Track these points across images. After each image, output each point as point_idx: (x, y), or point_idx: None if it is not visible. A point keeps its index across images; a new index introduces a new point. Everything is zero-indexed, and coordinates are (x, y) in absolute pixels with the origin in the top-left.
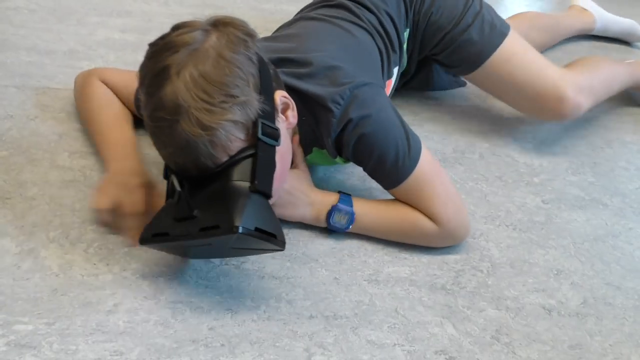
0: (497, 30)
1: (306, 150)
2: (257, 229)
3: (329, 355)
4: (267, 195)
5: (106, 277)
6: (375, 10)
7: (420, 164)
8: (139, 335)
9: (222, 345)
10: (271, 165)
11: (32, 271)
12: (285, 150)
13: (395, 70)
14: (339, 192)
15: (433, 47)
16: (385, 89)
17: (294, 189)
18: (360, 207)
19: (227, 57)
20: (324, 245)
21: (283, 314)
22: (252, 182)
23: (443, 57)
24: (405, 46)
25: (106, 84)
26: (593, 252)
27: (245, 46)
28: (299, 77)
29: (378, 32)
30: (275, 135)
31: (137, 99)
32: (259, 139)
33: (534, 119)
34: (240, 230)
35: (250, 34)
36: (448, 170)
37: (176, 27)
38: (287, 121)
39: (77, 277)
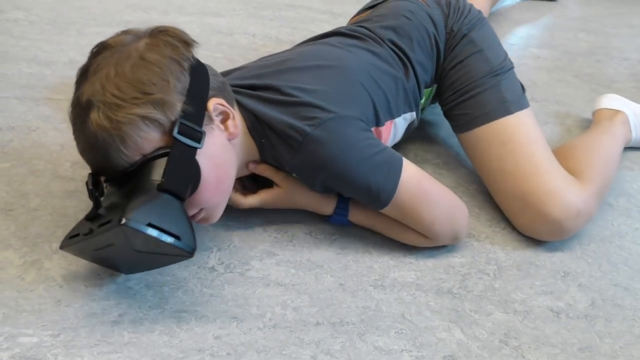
0: (503, 105)
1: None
2: (150, 225)
3: None
4: (178, 195)
5: (110, 288)
6: (402, 55)
7: (399, 190)
8: (145, 345)
9: (228, 354)
10: (188, 167)
11: (36, 282)
12: (223, 160)
13: (405, 117)
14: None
15: (443, 100)
16: (382, 127)
17: (284, 205)
18: (355, 213)
19: (148, 59)
20: (328, 251)
21: (289, 322)
22: (161, 180)
23: (446, 109)
24: (423, 101)
25: None
26: (600, 253)
27: (174, 51)
28: (265, 101)
29: (401, 71)
30: (196, 137)
31: None
32: (174, 138)
33: (514, 224)
34: (126, 222)
35: (185, 41)
36: (452, 174)
37: (119, 32)
38: (227, 131)
39: (81, 288)
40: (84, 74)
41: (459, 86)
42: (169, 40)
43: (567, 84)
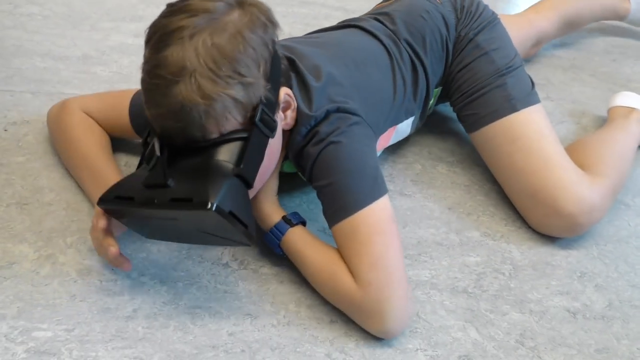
0: (509, 102)
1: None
2: (231, 213)
3: None
4: (248, 183)
5: (124, 283)
6: (415, 57)
7: (371, 206)
8: (159, 341)
9: (243, 351)
10: (260, 155)
11: (50, 277)
12: (276, 148)
13: (408, 121)
14: (284, 217)
15: (453, 101)
16: (384, 134)
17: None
18: (294, 240)
19: (244, 35)
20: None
21: (303, 319)
22: (237, 165)
23: (456, 109)
24: (431, 102)
25: (84, 112)
26: (617, 253)
27: (264, 30)
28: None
29: (410, 75)
30: (272, 126)
31: (132, 106)
32: (255, 125)
33: (525, 219)
34: (214, 208)
35: (272, 21)
36: (466, 172)
37: None
38: (285, 121)
39: (96, 283)
40: (174, 34)
41: (465, 88)
42: (261, 18)
43: (583, 82)
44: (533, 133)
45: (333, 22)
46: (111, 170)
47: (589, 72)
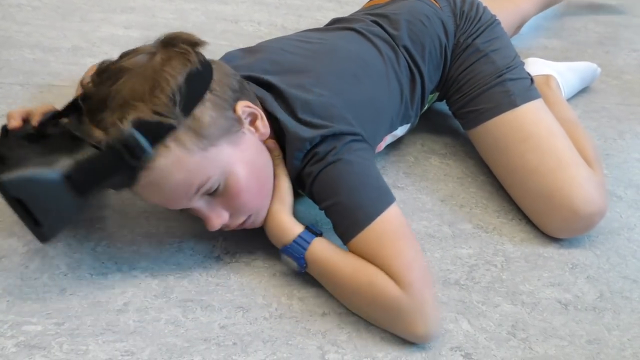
0: (509, 98)
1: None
2: (18, 201)
3: (342, 353)
4: (78, 190)
5: (115, 276)
6: (412, 65)
7: (384, 215)
8: (150, 334)
9: (234, 343)
10: (108, 174)
11: (40, 271)
12: (261, 163)
13: (403, 128)
14: (307, 227)
15: (452, 102)
16: (380, 143)
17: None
18: (322, 248)
19: (158, 77)
20: (335, 242)
21: (295, 312)
22: (68, 167)
23: (454, 107)
24: (428, 103)
25: None
26: (608, 245)
27: (183, 63)
28: (286, 111)
29: (407, 83)
30: (138, 153)
31: None
32: (112, 147)
33: (533, 221)
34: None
35: (196, 51)
36: (459, 164)
37: (131, 52)
38: (257, 132)
39: (86, 276)
40: (104, 103)
41: (466, 89)
42: (182, 53)
43: None
44: (543, 130)
45: (326, 14)
46: None
47: None
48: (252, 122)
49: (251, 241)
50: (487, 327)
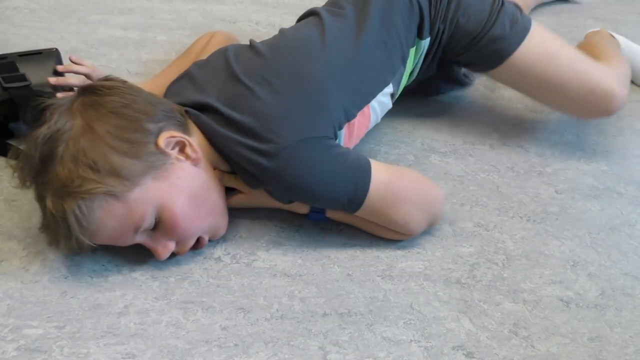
0: (519, 25)
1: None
2: None
3: (344, 353)
4: None
5: (116, 278)
6: (383, 27)
7: (369, 197)
8: (151, 336)
9: (236, 345)
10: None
11: (40, 274)
12: (196, 188)
13: (384, 93)
14: None
15: (458, 51)
16: (357, 119)
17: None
18: (333, 214)
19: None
20: (335, 241)
21: (296, 312)
22: None
23: (465, 57)
24: (411, 61)
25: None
26: (609, 242)
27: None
28: (224, 126)
29: (372, 46)
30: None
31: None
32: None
33: (574, 117)
34: None
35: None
36: (459, 162)
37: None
38: (189, 159)
39: (86, 279)
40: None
41: (473, 28)
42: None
43: None
44: (560, 45)
45: None
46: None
47: None
48: (182, 150)
49: (251, 242)
50: (489, 325)
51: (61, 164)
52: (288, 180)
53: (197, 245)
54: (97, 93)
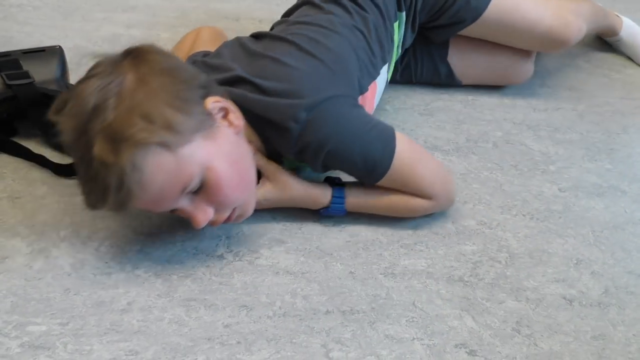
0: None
1: (274, 158)
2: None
3: (347, 351)
4: None
5: (119, 276)
6: (367, 8)
7: (395, 160)
8: (154, 334)
9: (238, 342)
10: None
11: (44, 271)
12: (238, 155)
13: (384, 70)
14: (330, 183)
15: (434, 14)
16: (369, 93)
17: (275, 202)
18: (352, 201)
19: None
20: (338, 238)
21: (299, 310)
22: None
23: (443, 19)
24: (397, 36)
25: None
26: (613, 240)
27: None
28: (257, 93)
29: (369, 33)
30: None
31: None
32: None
33: (540, 50)
34: None
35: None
36: (462, 160)
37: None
38: (232, 125)
39: (90, 276)
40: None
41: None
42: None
43: (579, 69)
44: None
45: None
46: None
47: (584, 59)
48: (225, 116)
49: (254, 239)
50: (492, 323)
51: (115, 111)
52: (325, 132)
53: (227, 219)
54: (145, 53)
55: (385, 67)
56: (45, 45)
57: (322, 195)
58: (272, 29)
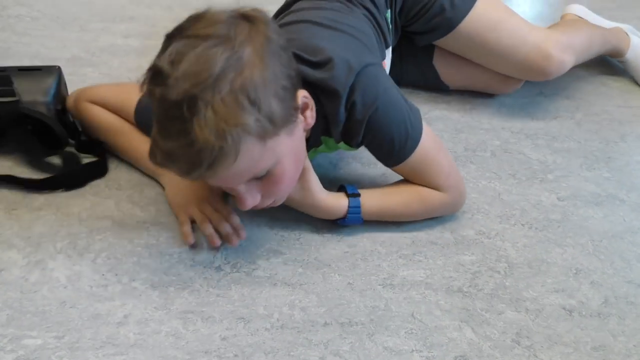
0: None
1: (316, 142)
2: None
3: None
4: None
5: (115, 288)
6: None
7: (422, 141)
8: (150, 347)
9: (236, 355)
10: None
11: (39, 283)
12: (301, 152)
13: (388, 52)
14: (345, 191)
15: (410, 19)
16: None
17: (297, 204)
18: (368, 209)
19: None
20: (336, 249)
21: (297, 322)
22: None
23: (416, 26)
24: (390, 28)
25: (97, 103)
26: (612, 249)
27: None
28: (308, 65)
29: (372, 17)
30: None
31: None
32: None
33: (517, 78)
34: None
35: (277, 32)
36: (460, 169)
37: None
38: (305, 121)
39: (86, 289)
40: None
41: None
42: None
43: (577, 77)
44: (503, 12)
45: None
46: None
47: (582, 67)
48: (303, 111)
49: (252, 250)
50: (491, 335)
51: (230, 86)
52: (371, 92)
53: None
54: (259, 23)
55: (389, 50)
56: (43, 65)
57: (339, 205)
58: None
